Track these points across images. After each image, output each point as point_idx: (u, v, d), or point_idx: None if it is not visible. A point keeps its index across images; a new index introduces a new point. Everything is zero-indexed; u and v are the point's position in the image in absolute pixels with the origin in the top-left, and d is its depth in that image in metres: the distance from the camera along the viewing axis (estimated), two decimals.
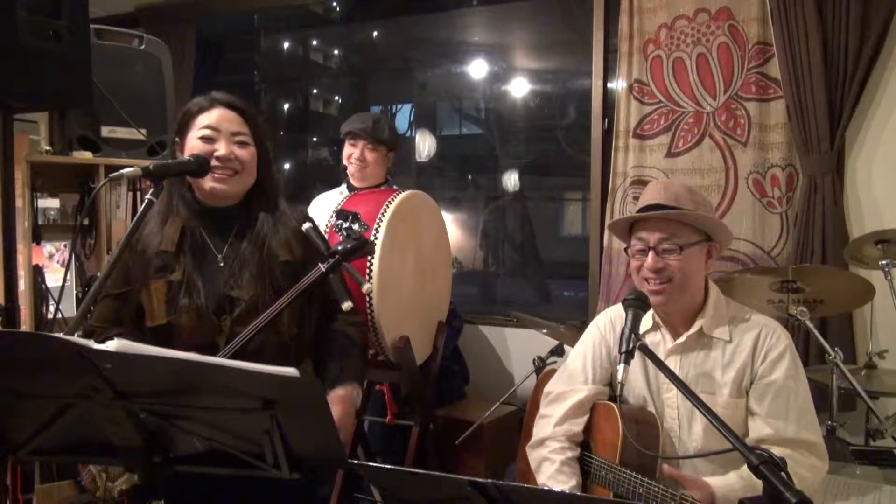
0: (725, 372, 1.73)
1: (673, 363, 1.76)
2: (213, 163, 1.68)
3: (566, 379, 1.91)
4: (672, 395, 1.78)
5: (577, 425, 1.83)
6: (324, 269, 1.62)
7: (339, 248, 1.65)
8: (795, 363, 1.71)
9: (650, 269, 1.71)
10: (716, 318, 1.75)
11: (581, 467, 1.84)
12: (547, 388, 1.94)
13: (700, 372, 1.75)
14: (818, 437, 1.68)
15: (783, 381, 1.68)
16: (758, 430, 1.68)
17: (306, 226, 1.69)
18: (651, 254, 1.71)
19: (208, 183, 1.69)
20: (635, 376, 1.82)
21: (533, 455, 1.86)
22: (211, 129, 1.70)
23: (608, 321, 1.93)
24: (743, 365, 1.71)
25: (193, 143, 1.71)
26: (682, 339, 1.77)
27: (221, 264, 1.70)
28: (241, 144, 1.72)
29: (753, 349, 1.71)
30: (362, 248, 1.68)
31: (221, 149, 1.69)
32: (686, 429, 1.76)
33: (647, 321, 1.80)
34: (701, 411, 1.33)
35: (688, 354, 1.76)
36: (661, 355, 1.75)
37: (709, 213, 1.76)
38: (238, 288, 1.67)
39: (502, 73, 4.20)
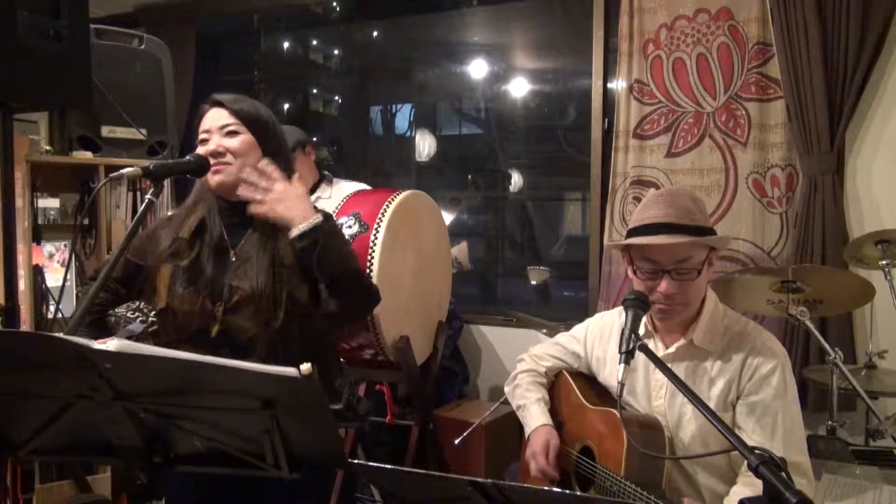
0: (713, 385, 1.70)
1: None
2: (211, 160, 1.69)
3: (549, 347, 2.08)
4: (661, 402, 1.76)
5: (543, 368, 2.06)
6: None
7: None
8: (785, 381, 1.66)
9: (665, 294, 1.62)
10: (709, 330, 1.72)
11: (584, 476, 1.84)
12: (532, 349, 2.11)
13: (688, 383, 1.73)
14: (804, 456, 1.65)
15: (770, 400, 1.64)
16: None
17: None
18: (666, 278, 1.62)
19: (211, 179, 1.71)
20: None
21: (507, 389, 2.08)
22: (204, 132, 1.73)
23: (595, 335, 1.96)
24: (730, 379, 1.68)
25: (198, 149, 1.74)
26: (671, 350, 1.74)
27: (234, 259, 1.71)
28: (231, 134, 1.71)
29: (742, 364, 1.67)
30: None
31: (211, 145, 1.70)
32: (675, 437, 1.74)
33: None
34: (702, 412, 1.32)
35: (677, 365, 1.72)
36: None
37: (706, 220, 1.70)
38: (241, 279, 1.67)
39: (502, 73, 4.19)
